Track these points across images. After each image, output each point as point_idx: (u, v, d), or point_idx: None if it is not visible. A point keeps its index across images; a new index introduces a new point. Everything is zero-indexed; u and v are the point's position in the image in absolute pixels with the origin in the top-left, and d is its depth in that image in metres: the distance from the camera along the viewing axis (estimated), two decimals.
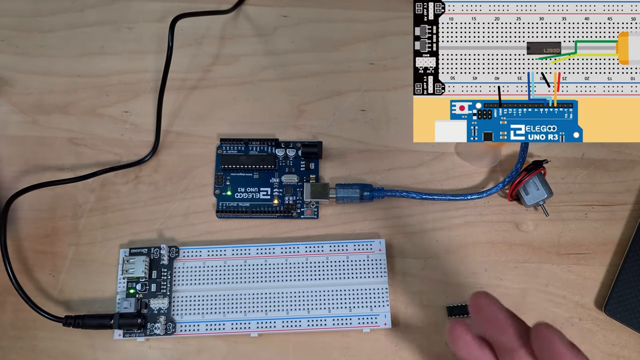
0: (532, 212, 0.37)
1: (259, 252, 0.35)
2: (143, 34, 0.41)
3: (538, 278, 0.36)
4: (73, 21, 0.41)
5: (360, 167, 0.38)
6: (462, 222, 0.37)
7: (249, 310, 0.34)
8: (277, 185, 0.37)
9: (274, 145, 0.38)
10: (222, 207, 0.37)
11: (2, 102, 0.40)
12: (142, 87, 0.40)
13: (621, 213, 0.37)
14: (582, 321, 0.35)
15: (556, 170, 0.38)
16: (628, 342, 0.35)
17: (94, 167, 0.37)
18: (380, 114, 0.39)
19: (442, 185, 0.38)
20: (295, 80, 0.40)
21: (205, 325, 0.33)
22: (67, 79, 0.40)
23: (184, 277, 0.34)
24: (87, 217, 0.37)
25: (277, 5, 0.42)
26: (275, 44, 0.41)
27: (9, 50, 0.41)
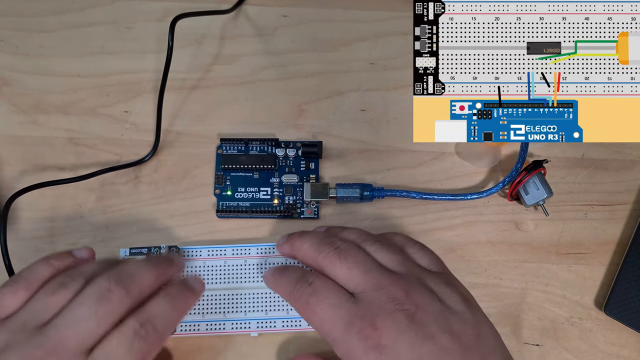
0: (532, 212, 0.37)
1: (259, 252, 0.35)
2: (143, 33, 0.41)
3: (538, 278, 0.36)
4: (73, 21, 0.41)
5: (360, 167, 0.38)
6: (462, 222, 0.37)
7: (249, 310, 0.34)
8: (277, 185, 0.37)
9: (274, 145, 0.38)
10: (222, 207, 0.37)
11: (2, 102, 0.40)
12: (142, 87, 0.40)
13: (621, 213, 0.37)
14: (582, 321, 0.35)
15: (556, 170, 0.38)
16: (628, 342, 0.35)
17: (94, 167, 0.37)
18: (380, 114, 0.39)
19: (442, 185, 0.38)
20: (295, 80, 0.40)
21: (205, 325, 0.33)
22: (67, 79, 0.40)
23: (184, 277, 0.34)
24: (87, 217, 0.37)
25: (277, 5, 0.42)
26: (276, 43, 0.41)
27: (8, 50, 0.41)
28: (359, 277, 0.28)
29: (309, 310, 0.28)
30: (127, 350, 0.26)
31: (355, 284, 0.28)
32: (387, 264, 0.30)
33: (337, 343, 0.27)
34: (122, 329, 0.26)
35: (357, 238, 0.31)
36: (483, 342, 0.27)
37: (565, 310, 0.36)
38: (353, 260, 0.29)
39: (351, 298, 0.28)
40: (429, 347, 0.26)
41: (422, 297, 0.28)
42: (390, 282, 0.28)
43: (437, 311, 0.27)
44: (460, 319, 0.27)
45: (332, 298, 0.28)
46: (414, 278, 0.29)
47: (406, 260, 0.30)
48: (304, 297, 0.29)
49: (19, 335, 0.26)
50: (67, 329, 0.26)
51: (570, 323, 0.35)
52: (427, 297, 0.28)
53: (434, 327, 0.26)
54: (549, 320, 0.35)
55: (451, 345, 0.26)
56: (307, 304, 0.28)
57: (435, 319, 0.27)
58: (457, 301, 0.28)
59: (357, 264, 0.29)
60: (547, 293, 0.36)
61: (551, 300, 0.36)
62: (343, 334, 0.27)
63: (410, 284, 0.28)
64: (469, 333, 0.27)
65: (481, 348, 0.27)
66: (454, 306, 0.28)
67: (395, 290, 0.28)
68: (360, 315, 0.27)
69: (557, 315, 0.36)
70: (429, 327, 0.26)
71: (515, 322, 0.35)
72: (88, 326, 0.26)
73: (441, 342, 0.26)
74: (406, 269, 0.29)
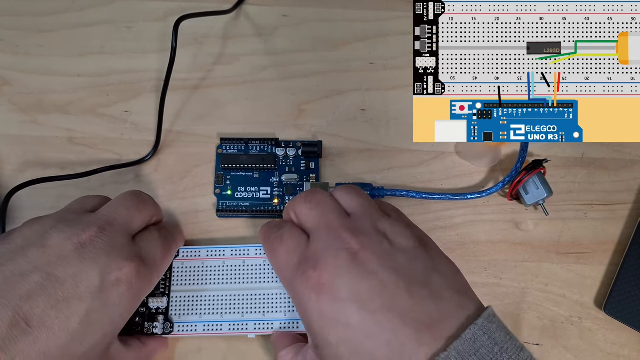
0: (532, 212, 0.38)
1: (257, 253, 0.35)
2: (143, 33, 0.41)
3: (538, 277, 0.36)
4: (73, 21, 0.41)
5: (360, 167, 0.38)
6: (462, 222, 0.37)
7: (246, 311, 0.34)
8: (277, 184, 0.37)
9: (274, 145, 0.38)
10: (222, 206, 0.37)
11: (2, 102, 0.40)
12: (143, 87, 0.40)
13: (621, 212, 0.37)
14: (581, 320, 0.35)
15: (556, 169, 0.38)
16: (628, 342, 0.35)
17: (94, 167, 0.37)
18: (380, 113, 0.39)
19: (442, 185, 0.38)
20: (295, 80, 0.40)
21: (202, 326, 0.33)
22: (67, 78, 0.40)
23: (182, 277, 0.34)
24: None
25: (277, 5, 0.42)
26: (276, 43, 0.41)
27: (8, 50, 0.41)
28: (316, 217, 0.29)
29: (273, 257, 0.30)
30: (159, 238, 0.32)
31: (311, 224, 0.29)
32: (347, 207, 0.30)
33: (288, 288, 0.29)
34: (150, 229, 0.32)
35: (335, 190, 0.32)
36: (436, 277, 0.26)
37: (565, 310, 0.36)
38: (316, 201, 0.30)
39: (307, 242, 0.29)
40: (369, 283, 0.26)
41: (368, 238, 0.28)
42: (341, 224, 0.28)
43: (382, 250, 0.27)
44: (408, 256, 0.27)
45: (290, 244, 0.29)
46: (368, 220, 0.29)
47: (367, 206, 0.30)
48: (273, 245, 0.30)
49: (79, 215, 0.30)
50: (118, 211, 0.30)
51: (570, 322, 0.35)
52: (374, 237, 0.28)
53: (377, 263, 0.26)
54: (548, 320, 0.36)
55: (395, 279, 0.26)
56: (273, 252, 0.30)
57: (379, 256, 0.27)
58: (408, 238, 0.28)
59: (318, 204, 0.30)
60: (547, 292, 0.36)
61: (551, 300, 0.36)
62: (291, 278, 0.28)
63: (362, 225, 0.28)
64: (418, 269, 0.26)
65: (432, 283, 0.26)
66: (404, 244, 0.28)
67: (344, 231, 0.28)
68: (306, 257, 0.28)
69: (557, 314, 0.36)
70: (371, 264, 0.26)
71: (515, 322, 0.35)
72: (132, 214, 0.31)
73: (382, 277, 0.26)
74: (363, 211, 0.30)
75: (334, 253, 0.27)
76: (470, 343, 0.24)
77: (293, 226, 0.31)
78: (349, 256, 0.27)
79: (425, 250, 0.28)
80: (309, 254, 0.28)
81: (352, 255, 0.27)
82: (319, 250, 0.28)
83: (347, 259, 0.26)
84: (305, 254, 0.28)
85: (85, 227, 0.28)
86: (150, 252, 0.30)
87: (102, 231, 0.28)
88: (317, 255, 0.27)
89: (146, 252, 0.30)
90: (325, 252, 0.27)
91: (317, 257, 0.27)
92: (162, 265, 0.32)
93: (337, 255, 0.27)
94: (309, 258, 0.28)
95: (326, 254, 0.27)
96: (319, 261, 0.27)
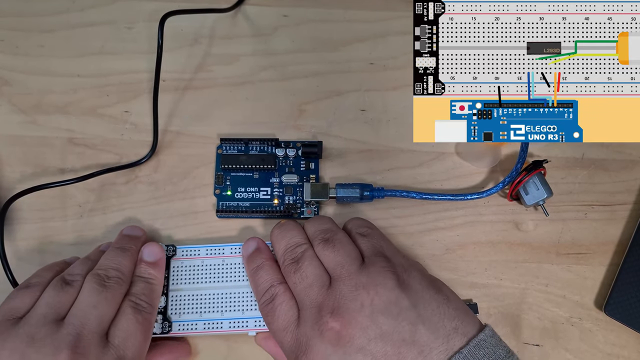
0: (532, 212, 0.37)
1: None
2: (143, 33, 0.41)
3: (538, 278, 0.36)
4: (73, 21, 0.41)
5: (360, 167, 0.38)
6: (462, 222, 0.37)
7: (246, 308, 0.34)
8: (277, 185, 0.37)
9: (274, 145, 0.38)
10: (222, 206, 0.37)
11: (2, 102, 0.39)
12: (142, 87, 0.40)
13: (621, 213, 0.37)
14: (582, 321, 0.35)
15: (556, 170, 0.38)
16: (628, 342, 0.35)
17: (93, 167, 0.37)
18: (380, 114, 0.39)
19: (442, 185, 0.38)
20: (295, 80, 0.40)
21: (202, 324, 0.33)
22: (67, 79, 0.40)
23: (181, 276, 0.34)
24: (87, 217, 0.37)
25: (277, 5, 0.42)
26: (275, 43, 0.41)
27: (8, 50, 0.41)
28: (301, 292, 0.30)
29: (268, 325, 0.31)
30: (135, 322, 0.30)
31: (297, 295, 0.31)
32: (327, 267, 0.31)
33: None
34: (124, 309, 0.30)
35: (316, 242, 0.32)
36: (421, 330, 0.27)
37: (565, 311, 0.36)
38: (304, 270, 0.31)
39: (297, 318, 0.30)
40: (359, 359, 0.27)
41: (348, 312, 0.28)
42: (322, 300, 0.29)
43: (364, 316, 0.28)
44: (391, 313, 0.28)
45: (281, 322, 0.30)
46: (346, 280, 0.29)
47: (343, 261, 0.30)
48: (266, 315, 0.31)
49: (42, 328, 0.28)
50: (87, 315, 0.29)
51: (570, 323, 0.35)
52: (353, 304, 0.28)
53: (362, 338, 0.27)
54: (549, 321, 0.35)
55: (382, 349, 0.27)
56: (266, 320, 0.31)
57: (363, 328, 0.27)
58: (388, 280, 0.29)
59: (306, 275, 0.30)
60: (547, 293, 0.36)
61: (551, 301, 0.36)
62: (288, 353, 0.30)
63: (341, 292, 0.29)
64: (403, 328, 0.27)
65: (419, 338, 0.27)
66: (384, 297, 0.28)
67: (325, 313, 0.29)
68: (298, 340, 0.29)
69: (557, 315, 0.35)
70: (357, 340, 0.27)
71: (515, 322, 0.35)
72: (103, 310, 0.29)
73: (370, 349, 0.27)
74: (340, 271, 0.30)
75: (319, 334, 0.28)
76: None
77: (284, 300, 0.31)
78: (334, 337, 0.27)
79: (407, 294, 0.28)
80: (299, 335, 0.29)
81: (336, 336, 0.27)
82: (307, 333, 0.28)
83: (333, 341, 0.27)
84: (297, 335, 0.29)
85: (56, 352, 0.27)
86: (128, 346, 0.29)
87: (74, 353, 0.27)
88: (307, 340, 0.28)
89: (123, 348, 0.29)
90: (313, 339, 0.28)
91: (307, 343, 0.28)
92: (143, 348, 0.31)
93: (322, 336, 0.28)
94: (300, 342, 0.29)
95: (314, 341, 0.28)
96: (309, 346, 0.28)
